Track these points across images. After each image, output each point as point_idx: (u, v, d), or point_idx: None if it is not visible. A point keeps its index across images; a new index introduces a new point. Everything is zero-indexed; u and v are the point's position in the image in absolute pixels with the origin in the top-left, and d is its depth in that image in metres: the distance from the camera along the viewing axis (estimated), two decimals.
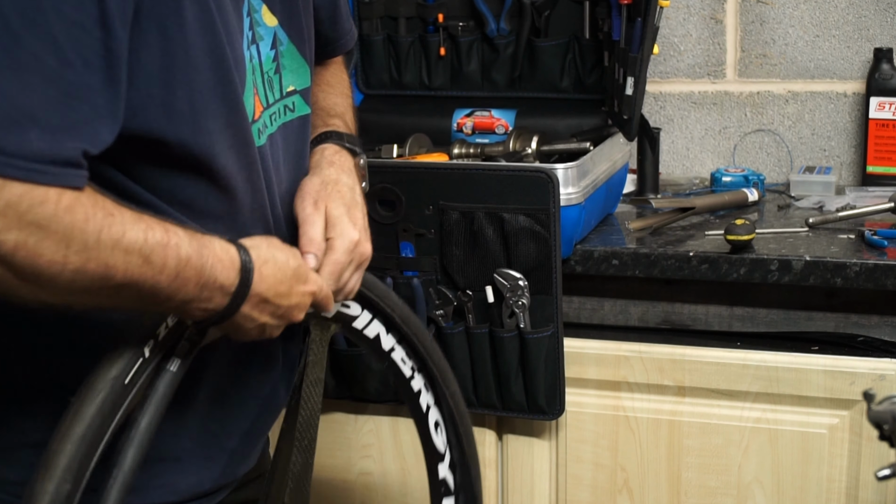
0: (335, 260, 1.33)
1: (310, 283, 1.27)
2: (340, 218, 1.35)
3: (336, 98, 1.57)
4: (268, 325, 1.25)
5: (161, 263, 1.10)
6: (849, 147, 2.33)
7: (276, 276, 1.22)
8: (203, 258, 1.14)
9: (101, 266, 1.06)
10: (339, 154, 1.44)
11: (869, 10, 2.27)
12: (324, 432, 2.08)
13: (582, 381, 1.94)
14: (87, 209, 1.05)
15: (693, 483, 1.92)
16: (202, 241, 1.15)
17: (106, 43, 1.07)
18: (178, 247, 1.12)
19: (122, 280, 1.08)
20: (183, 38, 1.14)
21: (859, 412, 1.81)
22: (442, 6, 2.25)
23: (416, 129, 2.22)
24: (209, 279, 1.14)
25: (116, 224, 1.07)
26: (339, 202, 1.36)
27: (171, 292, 1.12)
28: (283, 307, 1.24)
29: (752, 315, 1.93)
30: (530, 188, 1.81)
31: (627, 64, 1.98)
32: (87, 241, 1.05)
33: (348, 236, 1.34)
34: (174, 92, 1.14)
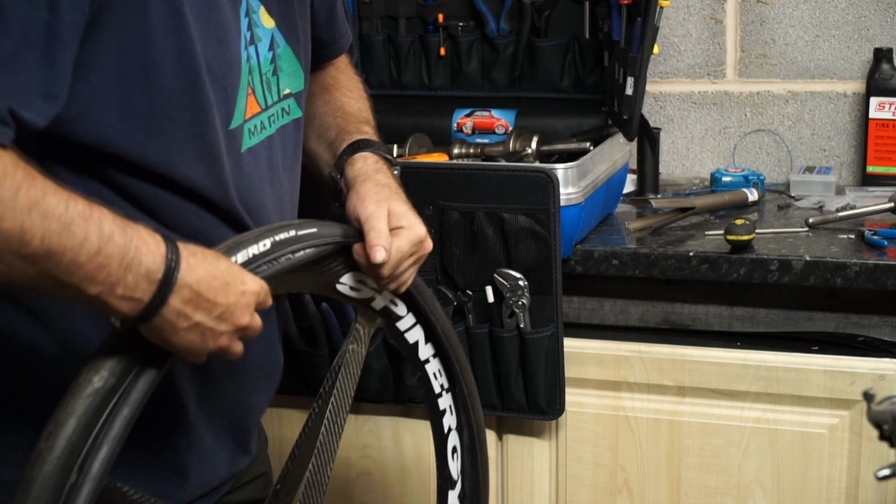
0: (398, 247, 1.33)
1: (248, 282, 1.18)
2: (406, 213, 1.36)
3: (359, 103, 1.57)
4: (206, 327, 1.15)
5: (82, 236, 1.05)
6: (849, 147, 2.33)
7: (206, 269, 1.14)
8: (127, 237, 1.08)
9: (15, 226, 1.02)
10: (380, 163, 1.45)
11: (869, 10, 2.27)
12: None
13: (582, 381, 1.94)
14: (6, 164, 1.02)
15: (693, 483, 1.92)
16: (126, 222, 1.10)
17: (50, 24, 1.06)
18: (100, 221, 1.07)
19: (38, 247, 1.03)
20: (145, 40, 1.13)
21: (859, 412, 1.81)
22: (442, 6, 2.25)
23: (416, 129, 2.22)
24: (133, 260, 1.08)
25: (37, 186, 1.04)
26: (401, 201, 1.38)
27: (92, 271, 1.06)
28: (221, 305, 1.15)
29: (752, 315, 1.93)
30: (530, 188, 1.81)
31: (627, 64, 1.98)
32: (3, 195, 1.01)
33: (416, 229, 1.35)
34: (130, 91, 1.14)
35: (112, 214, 1.09)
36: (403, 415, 2.02)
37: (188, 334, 1.14)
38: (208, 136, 1.22)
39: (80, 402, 1.10)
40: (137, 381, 1.14)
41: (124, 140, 1.15)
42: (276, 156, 1.36)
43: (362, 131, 1.49)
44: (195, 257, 1.14)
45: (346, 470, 2.09)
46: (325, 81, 1.58)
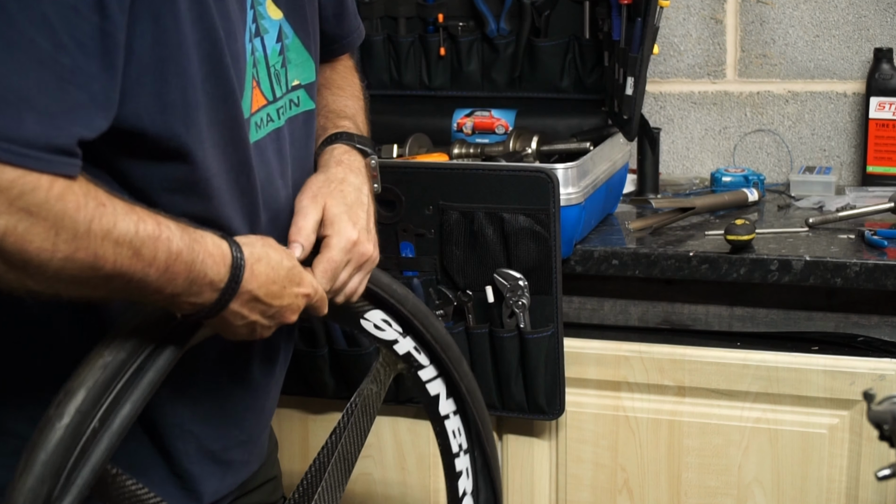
0: (329, 258, 1.31)
1: (304, 285, 1.26)
2: (339, 216, 1.33)
3: (347, 101, 1.55)
4: (258, 324, 1.23)
5: (151, 256, 1.09)
6: (849, 147, 2.33)
7: (268, 274, 1.21)
8: (194, 253, 1.13)
9: (90, 256, 1.05)
10: (348, 154, 1.43)
11: (869, 10, 2.27)
12: (324, 432, 2.08)
13: (582, 381, 1.94)
14: (78, 198, 1.04)
15: (693, 483, 1.92)
16: (194, 235, 1.14)
17: (102, 27, 1.06)
18: (169, 240, 1.11)
19: (111, 271, 1.07)
20: (176, 29, 1.13)
21: (859, 412, 1.81)
22: (442, 6, 2.25)
23: (416, 129, 2.22)
24: (199, 274, 1.13)
25: (108, 214, 1.06)
26: (340, 200, 1.35)
27: (160, 285, 1.11)
28: (275, 307, 1.23)
29: (752, 315, 1.93)
30: (530, 188, 1.81)
31: (627, 64, 1.98)
32: (77, 229, 1.04)
33: (345, 235, 1.32)
34: (167, 82, 1.13)
35: (180, 229, 1.13)
36: (403, 415, 2.02)
37: (240, 329, 1.23)
38: (228, 123, 1.22)
39: (91, 374, 1.12)
40: (155, 358, 1.18)
41: (163, 130, 1.15)
42: (286, 148, 1.35)
43: (339, 125, 1.48)
44: (260, 263, 1.20)
45: None
46: (318, 83, 1.58)
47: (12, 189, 1.00)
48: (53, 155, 1.03)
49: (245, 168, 1.26)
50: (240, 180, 1.26)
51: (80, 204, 1.04)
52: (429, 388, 1.51)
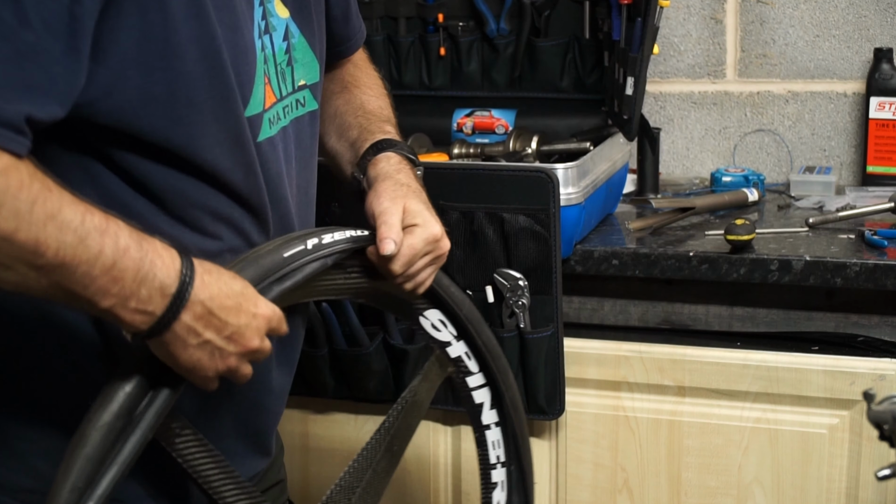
0: (411, 244, 1.32)
1: (260, 306, 1.18)
2: (422, 211, 1.35)
3: (379, 101, 1.56)
4: (215, 346, 1.15)
5: (97, 249, 1.05)
6: (849, 147, 2.33)
7: (220, 287, 1.14)
8: (143, 251, 1.08)
9: (30, 238, 1.02)
10: (403, 164, 1.44)
11: (869, 10, 2.27)
12: (324, 432, 2.08)
13: (582, 381, 1.94)
14: (22, 176, 1.02)
15: (693, 483, 1.92)
16: (143, 236, 1.10)
17: (72, 10, 1.04)
18: (116, 234, 1.07)
19: (52, 259, 1.03)
20: (164, 24, 1.12)
21: (859, 412, 1.81)
22: (442, 6, 2.25)
23: (416, 129, 2.22)
24: (148, 274, 1.08)
25: (53, 199, 1.03)
26: (418, 200, 1.37)
27: (106, 283, 1.06)
28: (231, 325, 1.15)
29: (752, 315, 1.93)
30: (530, 188, 1.81)
31: (627, 64, 1.98)
32: (19, 207, 1.01)
33: (430, 227, 1.34)
34: (151, 76, 1.12)
35: (129, 228, 1.09)
36: None
37: (197, 351, 1.14)
38: (231, 121, 1.22)
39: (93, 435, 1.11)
40: (152, 404, 1.15)
41: (145, 124, 1.14)
42: (290, 147, 1.35)
43: (385, 130, 1.49)
44: (210, 275, 1.14)
45: None
46: (343, 79, 1.57)
47: None
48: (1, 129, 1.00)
49: (252, 165, 1.26)
50: (248, 177, 1.26)
51: (25, 183, 1.02)
52: (475, 395, 1.52)
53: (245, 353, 1.18)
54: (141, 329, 1.11)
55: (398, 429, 1.44)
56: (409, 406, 1.44)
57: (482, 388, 1.52)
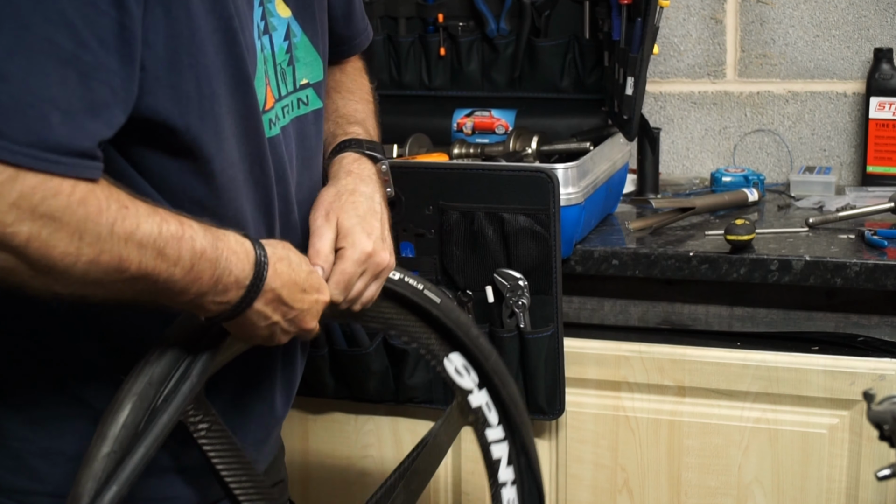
0: (342, 269, 1.31)
1: (323, 292, 1.27)
2: (352, 229, 1.33)
3: (356, 104, 1.55)
4: (279, 326, 1.23)
5: (175, 256, 1.09)
6: (849, 147, 2.33)
7: (290, 275, 1.21)
8: (218, 251, 1.13)
9: (114, 258, 1.05)
10: (357, 162, 1.43)
11: (869, 10, 2.27)
12: (324, 432, 2.08)
13: (582, 381, 1.94)
14: (100, 201, 1.04)
15: (693, 483, 1.92)
16: (217, 234, 1.14)
17: (121, 21, 1.06)
18: (192, 239, 1.11)
19: (136, 272, 1.07)
20: (188, 20, 1.13)
21: (859, 412, 1.81)
22: (442, 6, 2.25)
23: (416, 129, 2.22)
24: (224, 272, 1.14)
25: (130, 216, 1.07)
26: (352, 213, 1.35)
27: (186, 285, 1.12)
28: (296, 310, 1.23)
29: (752, 315, 1.93)
30: (530, 188, 1.81)
31: (627, 64, 1.98)
32: (101, 232, 1.04)
33: (360, 247, 1.32)
34: (181, 74, 1.13)
35: (203, 228, 1.13)
36: (403, 415, 2.02)
37: (262, 331, 1.23)
38: (247, 113, 1.23)
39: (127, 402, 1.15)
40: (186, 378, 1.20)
41: (179, 123, 1.15)
42: (292, 146, 1.35)
43: (349, 132, 1.48)
44: (282, 263, 1.21)
45: (346, 470, 2.09)
46: (327, 85, 1.56)
47: (34, 195, 1.00)
48: (76, 159, 1.03)
49: (260, 158, 1.27)
50: (254, 170, 1.26)
51: (103, 207, 1.04)
52: (493, 449, 1.52)
53: (300, 333, 1.27)
54: (216, 315, 1.17)
55: (417, 468, 1.44)
56: (430, 447, 1.45)
57: (502, 443, 1.52)
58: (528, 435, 1.54)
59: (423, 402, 1.96)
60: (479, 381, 1.50)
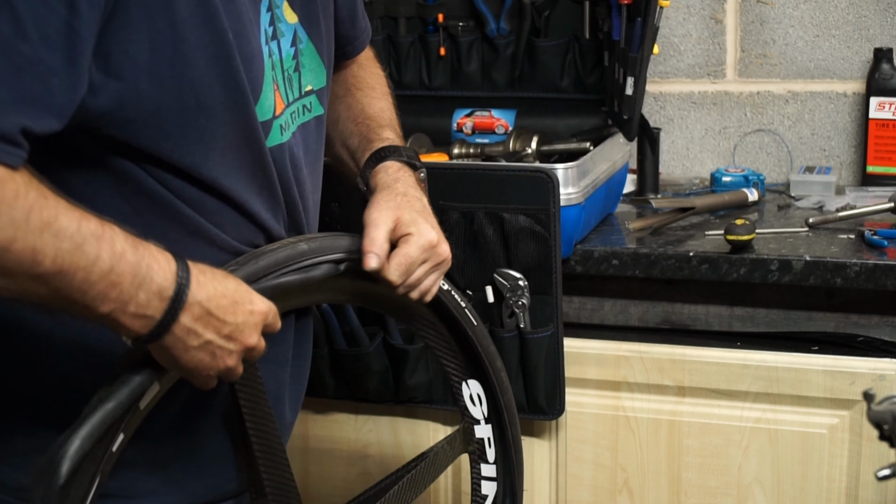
0: (406, 252, 1.32)
1: (255, 302, 1.19)
2: (416, 219, 1.35)
3: (381, 102, 1.56)
4: (216, 345, 1.16)
5: (94, 254, 1.05)
6: (849, 147, 2.33)
7: (215, 287, 1.15)
8: (138, 255, 1.09)
9: (27, 248, 1.02)
10: (402, 170, 1.43)
11: (869, 10, 2.27)
12: (324, 432, 2.08)
13: (582, 381, 1.94)
14: (18, 186, 1.02)
15: (693, 483, 1.92)
16: (137, 240, 1.11)
17: (70, 22, 1.04)
18: (112, 240, 1.07)
19: (50, 267, 1.03)
20: (173, 33, 1.12)
21: (859, 412, 1.81)
22: (442, 6, 2.25)
23: (416, 129, 2.22)
24: (145, 278, 1.09)
25: (49, 207, 1.04)
26: (410, 208, 1.36)
27: (104, 289, 1.07)
28: (230, 324, 1.16)
29: (752, 315, 1.93)
30: (530, 188, 1.81)
31: (627, 64, 1.98)
32: (15, 217, 1.01)
33: (425, 234, 1.34)
34: (162, 86, 1.12)
35: (124, 233, 1.09)
36: (403, 415, 2.02)
37: (198, 353, 1.15)
38: (244, 127, 1.22)
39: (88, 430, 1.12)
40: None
41: (156, 134, 1.14)
42: (299, 153, 1.35)
43: (383, 137, 1.48)
44: (205, 275, 1.15)
45: (346, 470, 2.09)
46: (347, 82, 1.57)
47: None
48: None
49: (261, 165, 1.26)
50: (256, 176, 1.26)
51: (20, 193, 1.02)
52: (483, 485, 1.52)
53: (243, 351, 1.19)
54: (141, 333, 1.12)
55: (413, 478, 1.45)
56: (429, 464, 1.46)
57: (492, 482, 1.52)
58: (520, 481, 1.55)
59: (423, 402, 1.96)
60: (487, 415, 1.51)
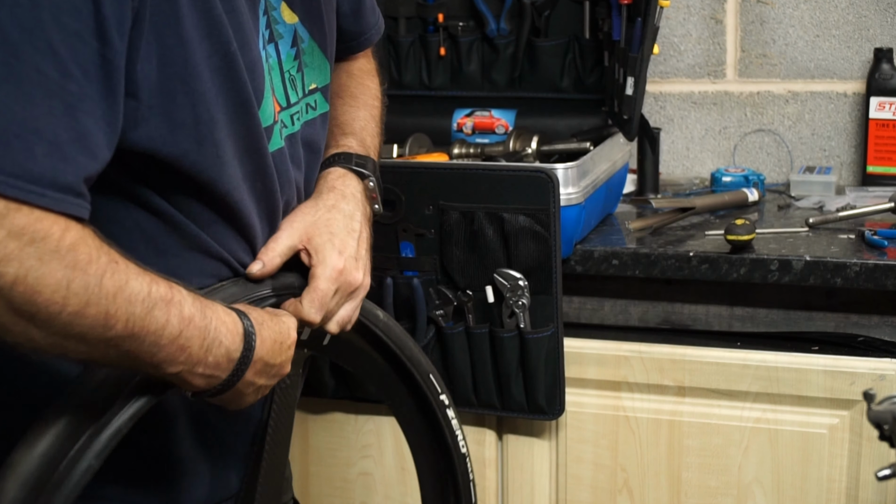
0: (315, 287, 1.29)
1: (292, 334, 1.25)
2: (323, 245, 1.31)
3: (357, 111, 1.52)
4: (263, 387, 1.22)
5: (164, 319, 1.07)
6: (849, 147, 2.33)
7: (273, 338, 1.20)
8: (206, 319, 1.11)
9: (101, 312, 1.02)
10: (343, 178, 1.40)
11: (869, 10, 2.27)
12: (324, 432, 2.08)
13: (582, 381, 1.94)
14: (90, 251, 1.02)
15: (693, 483, 1.92)
16: (205, 302, 1.13)
17: (103, 53, 1.04)
18: (181, 304, 1.09)
19: (122, 331, 1.04)
20: (181, 47, 1.12)
21: (859, 412, 1.81)
22: (442, 6, 2.25)
23: (416, 129, 2.22)
24: (213, 341, 1.12)
25: (120, 271, 1.04)
26: (325, 230, 1.32)
27: (174, 352, 1.09)
28: (276, 366, 1.22)
29: (752, 315, 1.93)
30: (530, 188, 1.81)
31: (627, 64, 1.98)
32: (89, 282, 1.01)
33: (330, 264, 1.30)
34: (175, 102, 1.12)
35: (192, 295, 1.11)
36: None
37: (250, 397, 1.22)
38: (248, 133, 1.21)
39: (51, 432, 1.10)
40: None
41: (174, 150, 1.14)
42: (299, 152, 1.34)
43: (340, 144, 1.45)
44: (264, 327, 1.19)
45: (346, 470, 2.09)
46: (332, 90, 1.54)
47: (23, 235, 0.97)
48: (61, 193, 1.00)
49: (262, 175, 1.25)
50: (256, 186, 1.25)
51: (93, 257, 1.02)
52: None
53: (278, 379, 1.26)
54: (206, 390, 1.15)
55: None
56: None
57: None
58: None
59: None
60: None
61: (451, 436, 1.57)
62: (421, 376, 1.53)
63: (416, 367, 1.52)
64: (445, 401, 1.55)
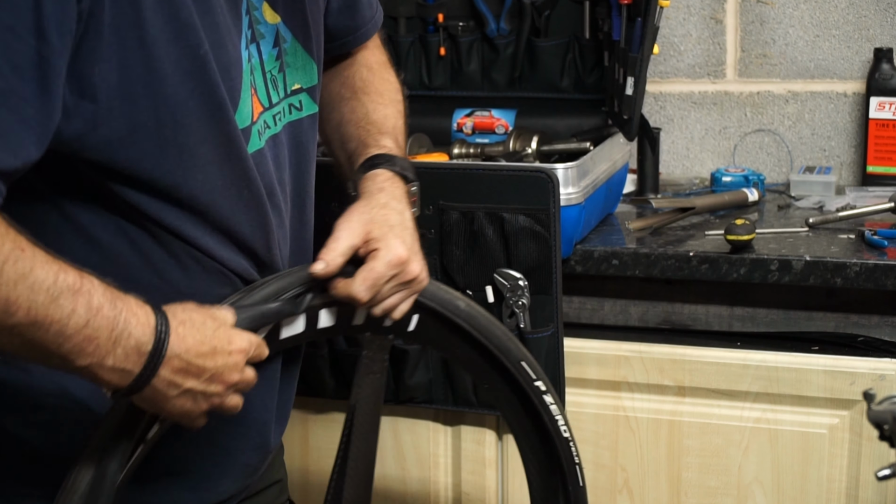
0: (371, 267, 1.28)
1: (234, 342, 1.19)
2: (386, 235, 1.30)
3: (386, 109, 1.51)
4: (197, 391, 1.16)
5: (70, 308, 1.05)
6: (849, 147, 2.33)
7: (194, 336, 1.15)
8: (116, 309, 1.08)
9: (0, 297, 1.01)
10: (390, 181, 1.40)
11: (869, 10, 2.27)
12: (324, 432, 2.08)
13: (582, 381, 1.94)
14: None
15: (693, 483, 1.92)
16: (117, 293, 1.10)
17: (39, 51, 1.03)
18: (90, 293, 1.07)
19: (23, 318, 1.03)
20: (143, 50, 1.11)
21: (859, 412, 1.81)
22: (442, 6, 2.25)
23: (416, 129, 2.22)
24: (122, 332, 1.08)
25: (25, 259, 1.03)
26: (384, 223, 1.32)
27: (81, 343, 1.06)
28: (209, 370, 1.16)
29: (752, 315, 1.93)
30: (530, 188, 1.81)
31: (627, 64, 1.98)
32: None
33: (394, 250, 1.29)
34: (135, 104, 1.12)
35: (103, 286, 1.09)
36: (403, 415, 2.02)
37: (179, 400, 1.16)
38: (225, 138, 1.20)
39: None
40: None
41: (132, 154, 1.13)
42: (283, 154, 1.34)
43: (380, 145, 1.45)
44: (184, 326, 1.14)
45: None
46: (354, 85, 1.53)
47: None
48: None
49: (246, 180, 1.25)
50: (242, 193, 1.25)
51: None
52: None
53: (228, 389, 1.19)
54: (120, 387, 1.12)
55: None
56: None
57: None
58: None
59: (423, 402, 1.96)
60: None
61: (550, 421, 1.54)
62: (512, 363, 1.50)
63: (505, 355, 1.50)
64: (541, 387, 1.52)
